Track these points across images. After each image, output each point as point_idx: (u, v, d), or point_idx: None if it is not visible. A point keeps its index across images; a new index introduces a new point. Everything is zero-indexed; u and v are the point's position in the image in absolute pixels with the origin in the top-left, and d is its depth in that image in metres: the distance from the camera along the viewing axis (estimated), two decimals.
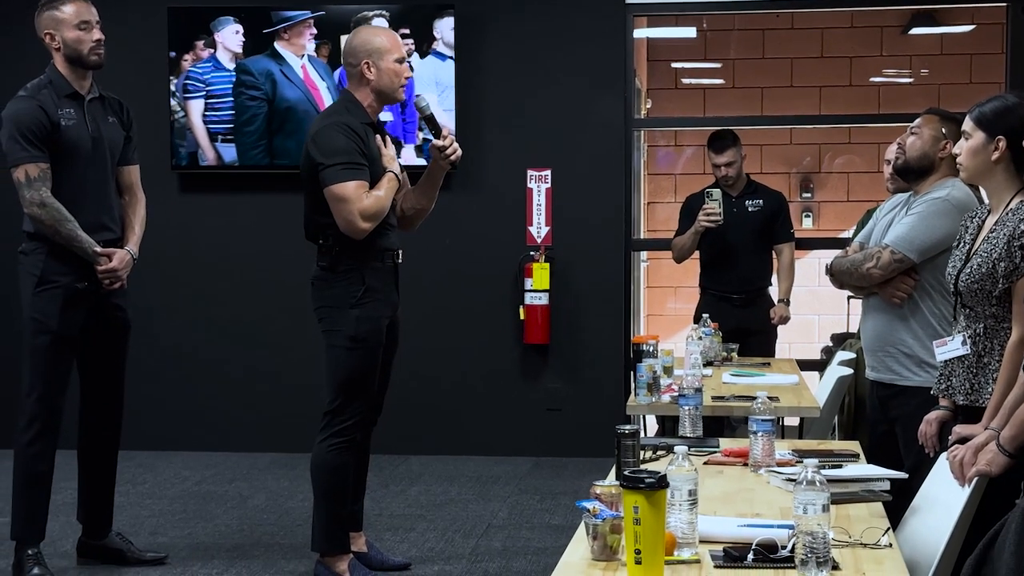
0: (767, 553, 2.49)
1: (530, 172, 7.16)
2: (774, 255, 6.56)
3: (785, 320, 6.47)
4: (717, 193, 6.27)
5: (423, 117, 4.61)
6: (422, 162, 6.58)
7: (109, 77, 5.11)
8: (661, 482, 2.37)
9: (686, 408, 3.94)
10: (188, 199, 7.32)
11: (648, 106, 10.29)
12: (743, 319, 6.28)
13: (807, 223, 10.70)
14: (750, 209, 6.45)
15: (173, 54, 7.14)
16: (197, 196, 7.32)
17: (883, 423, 4.12)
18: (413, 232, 4.92)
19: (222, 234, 7.33)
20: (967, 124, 3.39)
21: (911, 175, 4.10)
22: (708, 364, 5.35)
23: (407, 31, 6.90)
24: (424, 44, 7.00)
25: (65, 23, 4.65)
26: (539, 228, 7.16)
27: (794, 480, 2.47)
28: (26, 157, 4.56)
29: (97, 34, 4.70)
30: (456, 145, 4.60)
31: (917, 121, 4.11)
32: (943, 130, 4.03)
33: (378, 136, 4.56)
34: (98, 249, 4.67)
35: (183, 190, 7.32)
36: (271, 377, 7.28)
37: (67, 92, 4.68)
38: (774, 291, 6.58)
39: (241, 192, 7.29)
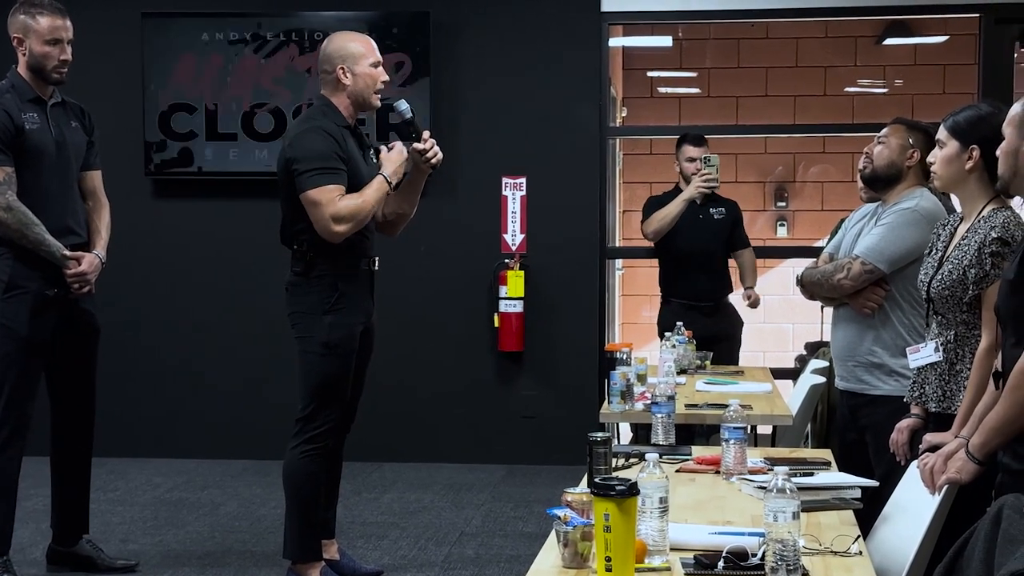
0: (738, 561, 2.49)
1: (505, 179, 7.16)
2: (733, 261, 6.66)
3: (756, 303, 6.58)
4: (715, 159, 6.28)
5: (403, 121, 4.61)
6: None
7: (84, 82, 5.07)
8: (632, 489, 2.38)
9: (659, 416, 3.95)
10: (162, 205, 7.29)
11: (623, 114, 10.31)
12: (711, 327, 6.31)
13: (782, 232, 10.73)
14: (715, 216, 6.53)
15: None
16: (171, 202, 7.29)
17: (852, 432, 4.13)
18: (394, 237, 4.91)
19: (196, 240, 7.30)
20: (941, 133, 3.41)
21: (878, 184, 4.12)
22: (682, 372, 5.36)
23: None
24: None
25: (37, 34, 4.60)
26: (514, 235, 7.16)
27: (765, 488, 2.47)
28: None
29: (66, 54, 4.64)
30: (437, 148, 4.60)
31: (884, 130, 4.12)
32: (910, 139, 4.05)
33: (369, 142, 4.56)
34: (67, 253, 4.63)
35: (157, 196, 7.29)
36: (244, 384, 7.25)
37: (30, 96, 4.64)
38: (733, 298, 6.68)
39: (215, 197, 7.26)
